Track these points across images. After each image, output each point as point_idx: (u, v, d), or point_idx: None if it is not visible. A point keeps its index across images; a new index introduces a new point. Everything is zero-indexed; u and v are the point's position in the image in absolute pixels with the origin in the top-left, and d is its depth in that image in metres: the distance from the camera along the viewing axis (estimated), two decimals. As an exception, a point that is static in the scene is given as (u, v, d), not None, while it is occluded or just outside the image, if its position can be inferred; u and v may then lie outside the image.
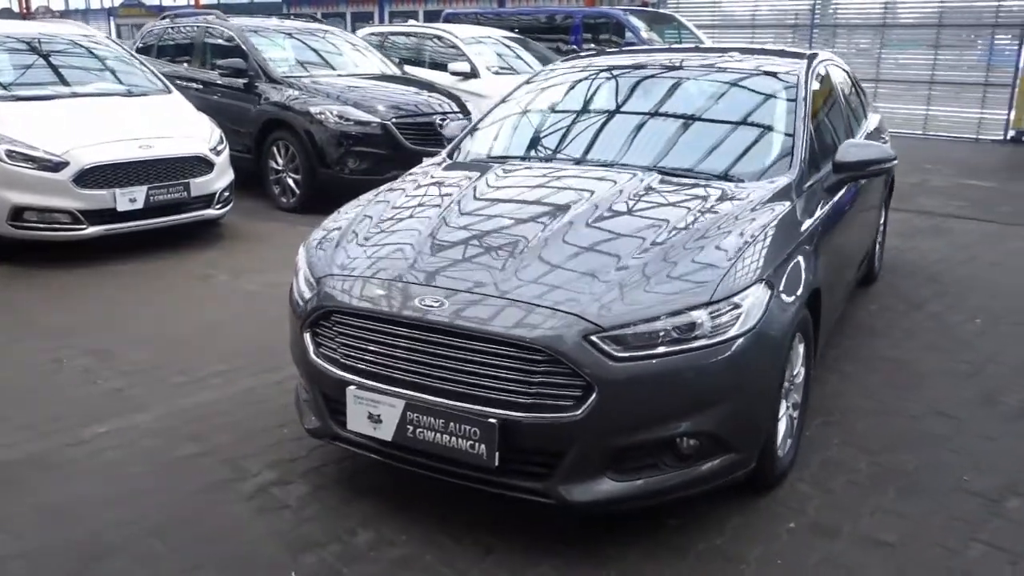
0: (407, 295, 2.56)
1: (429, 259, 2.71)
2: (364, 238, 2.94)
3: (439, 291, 2.53)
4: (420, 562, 2.51)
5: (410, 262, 2.70)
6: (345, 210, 3.33)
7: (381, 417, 2.54)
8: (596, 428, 2.33)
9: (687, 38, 12.27)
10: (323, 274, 2.79)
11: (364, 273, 2.72)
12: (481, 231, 2.85)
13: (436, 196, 3.24)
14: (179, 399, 3.63)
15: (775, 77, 3.69)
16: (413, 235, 2.87)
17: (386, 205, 3.20)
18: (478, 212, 3.01)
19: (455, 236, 2.84)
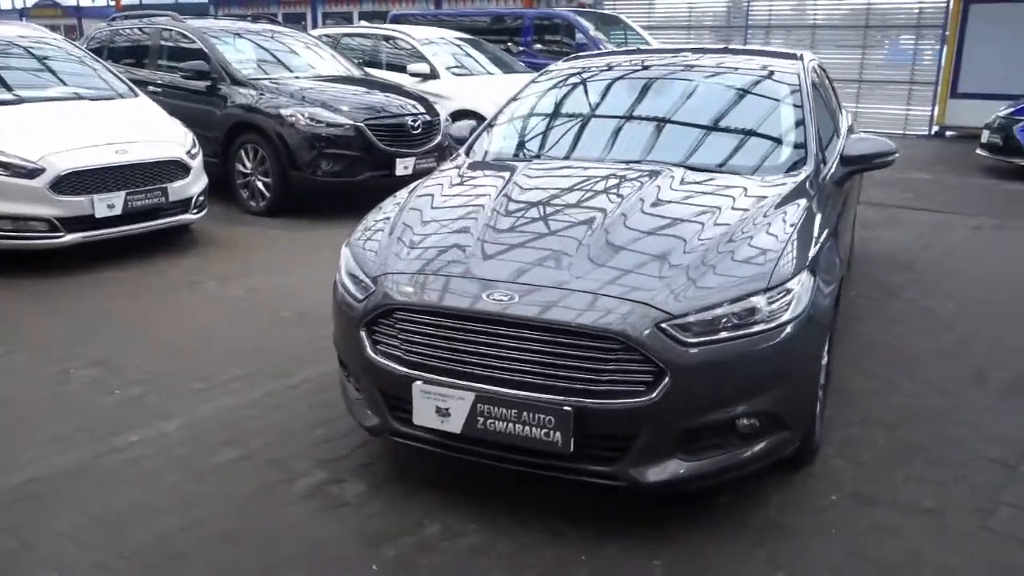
0: (475, 290, 2.62)
1: (490, 255, 2.77)
2: (415, 236, 2.98)
3: (508, 285, 2.60)
4: (494, 550, 2.57)
5: (471, 258, 2.76)
6: (383, 209, 3.36)
7: (450, 411, 2.59)
8: (667, 411, 2.43)
9: (633, 39, 12.53)
10: (380, 272, 2.82)
11: (426, 270, 2.77)
12: (534, 227, 2.93)
13: (475, 194, 3.31)
14: (201, 406, 3.59)
15: (779, 76, 3.88)
16: (466, 232, 2.93)
17: (427, 203, 3.24)
18: (525, 208, 3.09)
19: (510, 232, 2.91)
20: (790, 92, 3.75)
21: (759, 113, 3.73)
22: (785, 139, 3.56)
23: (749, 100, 3.81)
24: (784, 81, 3.84)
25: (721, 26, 17.16)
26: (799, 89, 3.74)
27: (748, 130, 3.64)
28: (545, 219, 2.98)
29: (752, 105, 3.79)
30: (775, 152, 3.51)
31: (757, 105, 3.79)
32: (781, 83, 3.83)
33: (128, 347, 4.24)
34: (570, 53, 11.70)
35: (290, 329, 4.56)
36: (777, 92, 3.79)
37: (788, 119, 3.63)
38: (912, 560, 2.51)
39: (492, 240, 2.86)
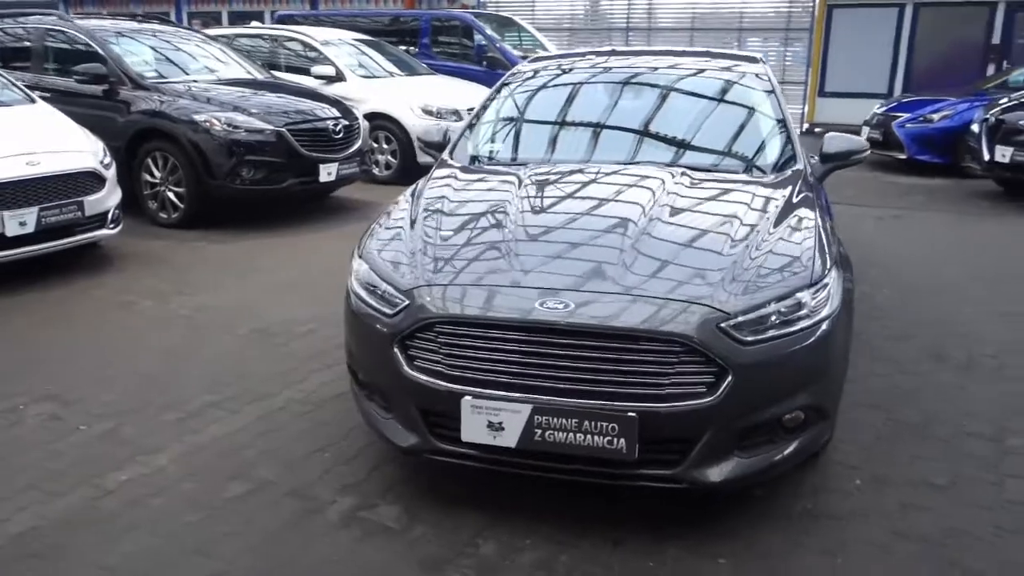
0: (527, 300, 2.56)
1: (532, 263, 2.72)
2: (443, 246, 2.88)
3: (561, 294, 2.55)
4: (558, 562, 2.52)
5: (513, 267, 2.69)
6: (392, 217, 3.23)
7: (503, 424, 2.51)
8: (728, 411, 2.46)
9: (528, 41, 12.63)
10: (414, 285, 2.71)
11: (468, 281, 2.68)
12: (567, 234, 2.90)
13: (490, 200, 3.24)
14: (187, 436, 3.33)
15: (753, 77, 4.01)
16: (498, 241, 2.86)
17: (441, 211, 3.14)
18: (551, 215, 3.05)
19: (544, 239, 2.87)
20: (766, 93, 3.89)
21: (743, 113, 3.85)
22: (772, 138, 3.69)
23: (731, 100, 3.93)
24: (758, 82, 3.98)
25: (602, 28, 17.60)
26: (773, 90, 3.89)
27: (737, 130, 3.76)
28: (576, 226, 2.95)
29: (735, 105, 3.91)
30: (766, 151, 3.63)
31: (739, 105, 3.91)
32: (756, 84, 3.97)
33: (77, 377, 3.88)
34: (469, 55, 11.77)
35: (252, 348, 4.31)
36: (755, 93, 3.92)
37: (770, 119, 3.77)
38: (951, 533, 2.65)
39: (529, 248, 2.80)
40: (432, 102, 9.09)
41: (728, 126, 3.80)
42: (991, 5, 14.45)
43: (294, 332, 4.52)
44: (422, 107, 9.02)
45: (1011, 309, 4.90)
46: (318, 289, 5.30)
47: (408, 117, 8.97)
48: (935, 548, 2.59)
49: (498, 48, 11.45)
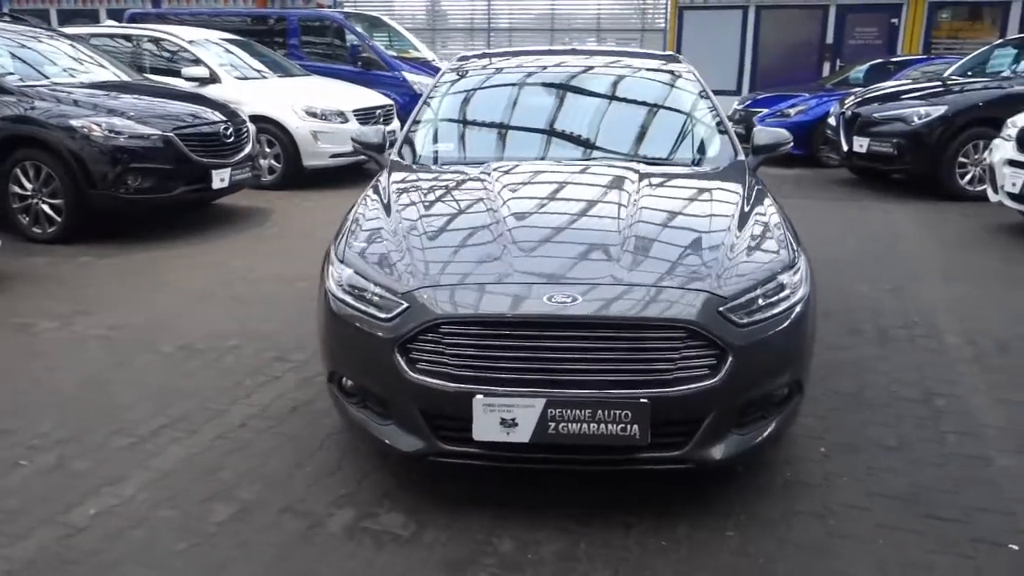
0: (533, 295, 2.58)
1: (528, 259, 2.74)
2: (433, 248, 2.85)
3: (564, 287, 2.60)
4: (578, 551, 2.57)
5: (512, 264, 2.71)
6: (366, 219, 3.15)
7: (516, 420, 2.53)
8: (729, 391, 2.59)
9: (397, 41, 12.52)
10: (413, 287, 2.67)
11: (470, 281, 2.67)
12: (553, 227, 2.94)
13: (463, 200, 3.22)
14: (149, 461, 3.13)
15: (687, 76, 4.20)
16: (489, 239, 2.86)
17: (417, 211, 3.11)
18: (532, 212, 3.07)
19: (536, 235, 2.90)
20: (699, 90, 4.09)
21: (683, 109, 4.03)
22: (714, 132, 3.90)
23: (670, 97, 4.10)
24: (691, 80, 4.18)
25: (465, 28, 17.71)
26: (704, 88, 4.10)
27: (681, 125, 3.94)
28: (563, 222, 3.00)
29: (674, 102, 4.08)
30: (711, 144, 3.83)
31: (678, 101, 4.08)
32: (690, 81, 4.17)
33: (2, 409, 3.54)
34: (342, 56, 11.54)
35: (185, 365, 4.08)
36: (689, 89, 4.12)
37: (708, 114, 3.97)
38: (918, 489, 2.91)
39: (523, 245, 2.82)
40: (315, 104, 8.86)
41: (672, 122, 3.98)
42: (824, 8, 15.71)
43: (222, 347, 4.31)
44: (305, 109, 8.77)
45: (899, 284, 5.39)
46: (235, 301, 5.08)
47: (291, 120, 8.70)
48: (909, 504, 2.83)
49: (373, 49, 11.28)
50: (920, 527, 2.70)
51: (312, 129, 8.69)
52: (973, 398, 3.66)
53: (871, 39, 15.55)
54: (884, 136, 8.41)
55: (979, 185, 8.25)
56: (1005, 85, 8.48)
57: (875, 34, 15.56)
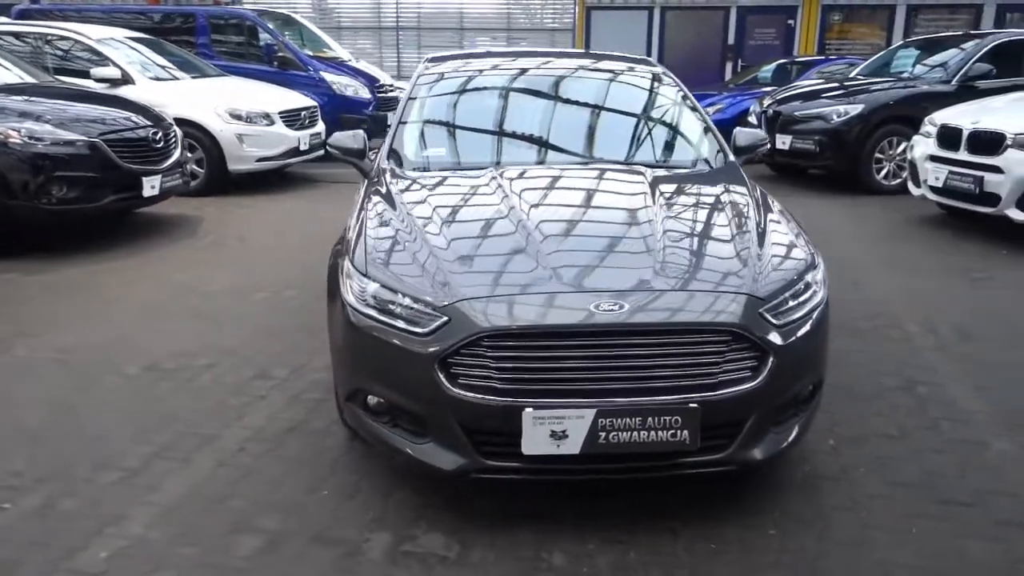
0: (580, 304, 2.54)
1: (567, 268, 2.68)
2: (464, 258, 2.75)
3: (610, 295, 2.56)
4: (630, 560, 2.55)
5: (552, 273, 2.65)
6: (381, 229, 3.01)
7: (567, 432, 2.48)
8: (770, 391, 2.63)
9: (311, 41, 12.17)
10: (452, 300, 2.57)
11: (512, 292, 2.60)
12: (584, 234, 2.90)
13: (481, 206, 3.15)
14: (148, 496, 2.91)
15: (667, 78, 4.23)
16: (518, 247, 2.80)
17: (434, 220, 3.00)
18: (555, 219, 3.02)
19: (567, 243, 2.84)
20: (680, 92, 4.13)
21: (671, 111, 4.06)
22: (703, 134, 3.94)
23: (657, 100, 4.12)
24: (671, 82, 4.22)
25: (373, 27, 17.40)
26: (683, 90, 4.14)
27: (672, 127, 3.96)
28: (590, 229, 2.96)
29: (663, 104, 4.11)
30: (704, 146, 3.87)
31: (665, 104, 4.11)
32: (671, 84, 4.20)
33: (-37, 447, 3.22)
34: (256, 55, 11.11)
35: (156, 387, 3.82)
36: (673, 92, 4.15)
37: (694, 116, 4.01)
38: (929, 476, 3.03)
39: (557, 254, 2.76)
40: (239, 106, 8.50)
41: (663, 124, 4.00)
42: (725, 9, 16.27)
43: (194, 366, 4.06)
44: (229, 111, 8.40)
45: (850, 278, 5.61)
46: (192, 315, 4.80)
47: (214, 123, 8.31)
48: (925, 491, 2.94)
49: (289, 48, 10.92)
50: (942, 513, 2.81)
51: (237, 132, 8.33)
52: (951, 385, 3.85)
53: (770, 40, 16.21)
54: (806, 134, 8.77)
55: (894, 180, 8.73)
56: (912, 85, 8.98)
57: (773, 35, 16.24)
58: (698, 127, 3.98)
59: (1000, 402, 3.66)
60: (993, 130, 6.29)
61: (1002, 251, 6.30)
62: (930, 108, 8.40)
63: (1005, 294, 5.28)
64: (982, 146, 6.36)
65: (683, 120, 4.01)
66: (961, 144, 6.54)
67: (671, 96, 4.15)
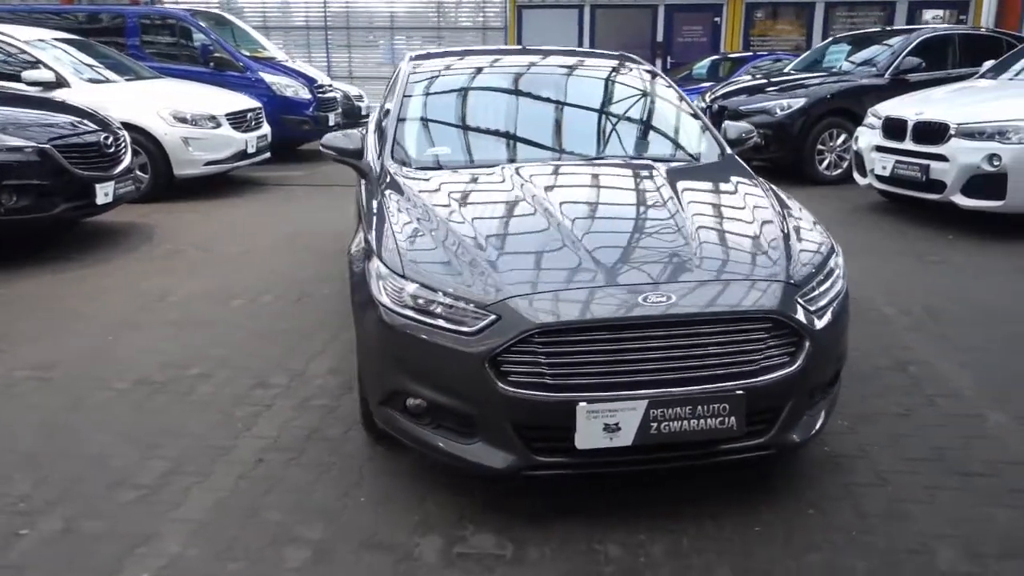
0: (628, 297, 2.56)
1: (609, 261, 2.70)
2: (500, 255, 2.73)
3: (656, 286, 2.59)
4: (683, 547, 2.58)
5: (594, 266, 2.66)
6: (405, 228, 2.96)
7: (620, 425, 2.51)
8: (806, 375, 2.70)
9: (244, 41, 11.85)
10: (500, 298, 2.56)
11: (560, 287, 2.59)
12: (618, 229, 2.93)
13: (505, 202, 3.14)
14: (173, 513, 2.79)
15: (656, 75, 4.29)
16: (553, 243, 2.80)
17: (462, 216, 2.97)
18: (588, 213, 3.04)
19: (603, 237, 2.86)
20: (668, 86, 4.20)
21: (667, 107, 4.12)
22: (700, 128, 4.01)
23: (655, 95, 4.17)
24: (662, 79, 4.28)
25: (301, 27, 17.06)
26: (672, 86, 4.22)
27: (673, 122, 4.02)
28: (621, 225, 2.98)
29: (660, 99, 4.16)
30: (703, 140, 3.94)
31: (663, 99, 4.17)
32: (662, 81, 4.27)
33: (-42, 474, 3.03)
34: (191, 56, 10.76)
35: (152, 401, 3.67)
36: (665, 89, 4.21)
37: (688, 111, 4.08)
38: (939, 450, 3.17)
39: (595, 248, 2.77)
40: (184, 108, 8.21)
41: (663, 119, 4.06)
42: (653, 7, 16.58)
43: (185, 377, 3.92)
44: (173, 114, 8.11)
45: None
46: (170, 326, 4.63)
47: (159, 126, 8.01)
48: (940, 463, 3.08)
49: (225, 48, 10.61)
50: (960, 484, 2.95)
51: (183, 136, 8.05)
52: (936, 363, 4.03)
53: (697, 37, 16.61)
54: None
55: (835, 170, 9.08)
56: (848, 79, 9.35)
57: (700, 32, 16.64)
58: (694, 122, 4.06)
59: (983, 378, 3.85)
60: (937, 120, 6.61)
61: (948, 236, 6.62)
62: (866, 101, 8.80)
63: (960, 276, 5.56)
64: (927, 136, 6.67)
65: (681, 115, 4.08)
66: (906, 134, 6.85)
67: (666, 92, 4.22)
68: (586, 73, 4.32)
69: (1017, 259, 5.94)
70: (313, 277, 5.58)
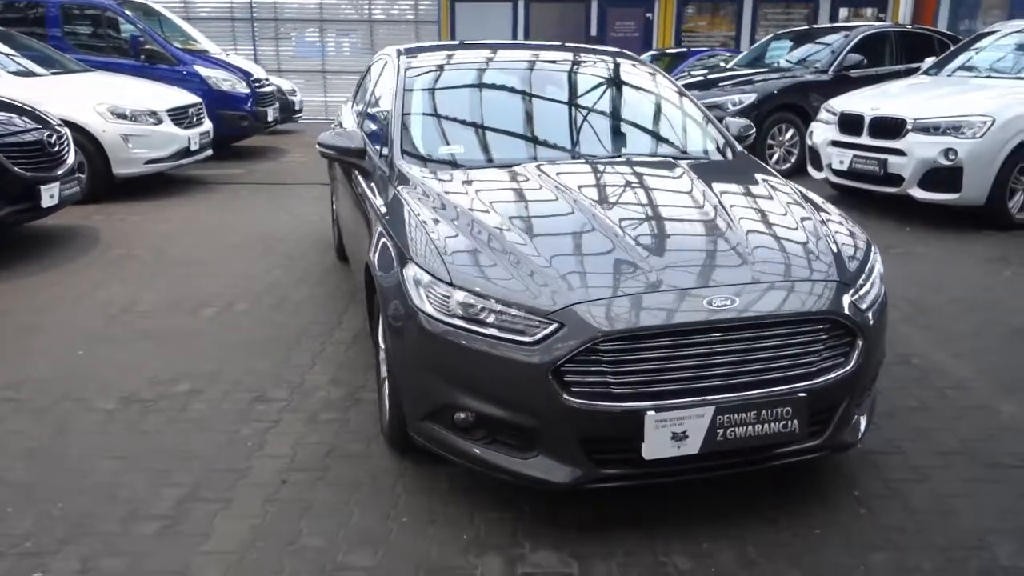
0: (693, 302, 2.48)
1: (665, 265, 2.61)
2: (552, 260, 2.61)
3: (718, 290, 2.53)
4: (750, 553, 2.53)
5: (653, 272, 2.57)
6: (444, 232, 2.80)
7: (687, 433, 2.44)
8: (860, 375, 2.69)
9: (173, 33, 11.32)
10: (562, 305, 2.44)
11: (623, 293, 2.49)
12: (667, 232, 2.85)
13: (541, 203, 3.03)
14: (203, 545, 2.58)
15: (656, 71, 4.23)
16: (603, 247, 2.71)
17: (501, 221, 2.83)
18: (635, 215, 2.94)
19: (654, 241, 2.77)
20: (671, 84, 4.15)
21: (676, 103, 4.06)
22: (710, 125, 3.97)
23: (662, 92, 4.11)
24: (658, 72, 4.22)
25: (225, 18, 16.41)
26: (674, 83, 4.17)
27: (682, 119, 3.96)
28: (669, 227, 2.89)
29: (667, 96, 4.09)
30: (716, 136, 3.91)
31: (670, 96, 4.10)
32: (659, 75, 4.21)
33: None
34: (120, 48, 10.18)
35: (145, 421, 3.41)
36: (670, 86, 4.16)
37: (694, 108, 4.04)
38: (966, 442, 3.22)
39: (651, 251, 2.69)
40: (122, 103, 7.75)
41: (674, 115, 3.99)
42: (586, 2, 16.62)
43: (175, 394, 3.67)
44: (111, 110, 7.64)
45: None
46: (145, 338, 4.34)
47: (96, 122, 7.53)
48: (970, 456, 3.12)
49: (157, 40, 10.09)
50: (994, 476, 3.00)
51: (122, 133, 7.60)
52: (935, 355, 4.11)
53: (630, 32, 16.75)
54: (703, 122, 9.12)
55: (784, 164, 9.26)
56: (794, 75, 9.55)
57: (633, 27, 16.79)
58: (702, 119, 4.02)
59: (982, 367, 3.95)
60: (894, 116, 6.79)
61: (906, 228, 6.82)
62: (812, 96, 9.02)
63: (927, 267, 5.72)
64: (884, 131, 6.85)
65: (690, 112, 4.03)
66: (863, 130, 7.02)
67: (670, 89, 4.17)
68: (590, 69, 4.22)
69: (975, 248, 6.16)
70: (283, 282, 5.33)
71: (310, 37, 16.60)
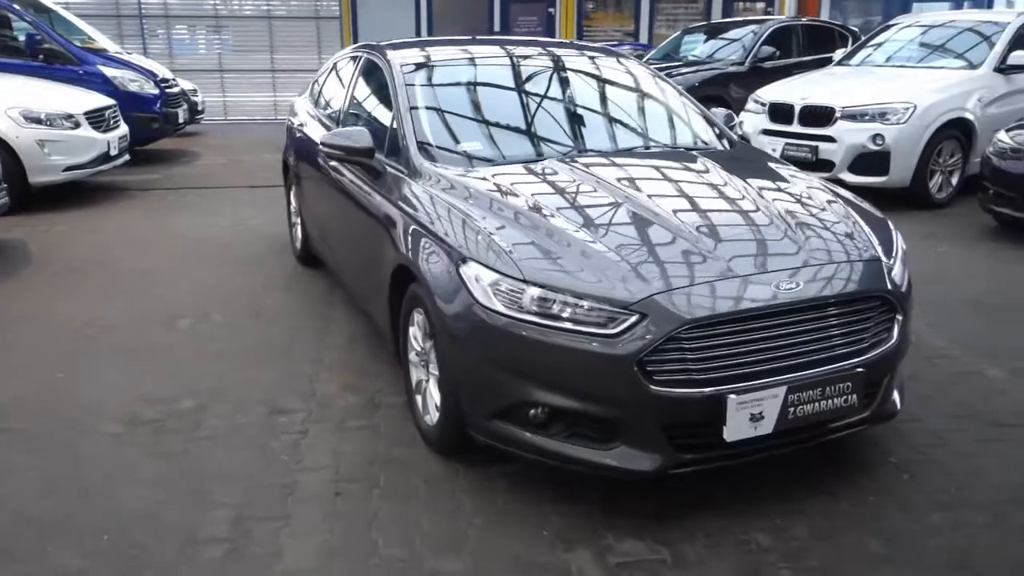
0: (764, 287, 2.57)
1: (725, 251, 2.69)
2: (622, 253, 2.63)
3: (781, 274, 2.62)
4: (822, 526, 2.64)
5: (721, 259, 2.63)
6: (500, 228, 2.77)
7: (763, 413, 2.52)
8: (901, 348, 2.85)
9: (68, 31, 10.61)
10: (643, 296, 2.47)
11: (698, 281, 2.54)
12: (718, 221, 2.90)
13: (587, 196, 3.06)
14: (276, 564, 2.48)
15: (646, 66, 4.31)
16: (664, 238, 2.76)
17: (556, 217, 2.83)
18: (683, 206, 2.99)
19: (711, 229, 2.83)
20: (665, 80, 4.24)
21: (672, 97, 4.14)
22: (704, 117, 4.07)
23: (662, 87, 4.17)
24: (654, 71, 4.30)
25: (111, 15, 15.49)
26: (666, 79, 4.26)
27: (683, 112, 4.05)
28: (713, 218, 2.94)
29: (661, 91, 4.15)
30: (715, 128, 4.01)
31: (663, 90, 4.16)
32: (656, 73, 4.29)
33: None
34: (14, 47, 9.43)
35: (161, 444, 3.22)
36: (664, 81, 4.24)
37: (690, 101, 4.13)
38: (966, 405, 3.45)
39: (712, 239, 2.75)
40: (35, 107, 7.21)
41: (679, 110, 4.07)
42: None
43: (181, 411, 3.48)
44: (23, 114, 7.10)
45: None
46: (126, 357, 4.08)
47: (8, 128, 6.98)
48: (976, 419, 3.35)
49: (56, 39, 9.43)
50: (1001, 435, 3.24)
51: (37, 138, 7.08)
52: (913, 326, 4.36)
53: (533, 26, 16.87)
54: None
55: (709, 153, 9.58)
56: (712, 67, 9.90)
57: (536, 22, 16.92)
58: (698, 111, 4.13)
59: (955, 337, 4.23)
60: (823, 104, 7.16)
61: (838, 209, 7.21)
62: (731, 87, 9.37)
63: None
64: (814, 119, 7.21)
65: (687, 106, 4.13)
66: (794, 118, 7.36)
67: (665, 84, 4.25)
68: (588, 65, 4.24)
69: (906, 227, 6.46)
70: (248, 289, 5.12)
71: (178, 35, 15.88)
